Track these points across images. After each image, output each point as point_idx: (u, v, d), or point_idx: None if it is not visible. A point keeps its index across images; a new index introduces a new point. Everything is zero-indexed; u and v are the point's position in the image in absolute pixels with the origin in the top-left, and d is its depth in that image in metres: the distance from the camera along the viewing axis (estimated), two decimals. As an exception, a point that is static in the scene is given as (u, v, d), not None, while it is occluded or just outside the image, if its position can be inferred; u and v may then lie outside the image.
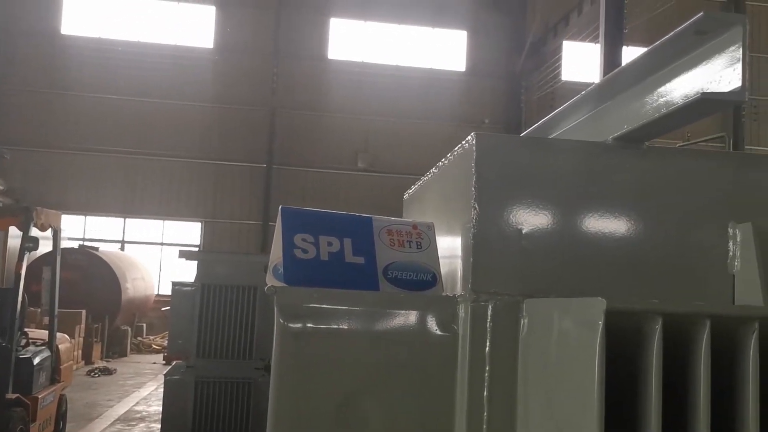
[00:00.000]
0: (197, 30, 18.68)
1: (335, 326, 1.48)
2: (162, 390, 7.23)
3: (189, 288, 6.92)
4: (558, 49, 18.61)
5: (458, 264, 1.59)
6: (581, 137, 1.74)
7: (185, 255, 7.41)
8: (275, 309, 1.44)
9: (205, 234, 18.78)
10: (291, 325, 1.45)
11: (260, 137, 18.68)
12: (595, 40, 16.30)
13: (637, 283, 1.54)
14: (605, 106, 1.72)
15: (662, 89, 1.46)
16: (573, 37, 18.14)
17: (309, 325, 1.46)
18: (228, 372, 6.84)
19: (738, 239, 1.52)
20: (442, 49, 19.14)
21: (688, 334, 1.16)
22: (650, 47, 1.39)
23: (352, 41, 19.00)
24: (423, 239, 1.65)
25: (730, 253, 1.53)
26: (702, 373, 1.11)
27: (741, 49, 1.22)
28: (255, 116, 18.71)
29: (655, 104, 1.46)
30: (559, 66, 18.34)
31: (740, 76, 1.21)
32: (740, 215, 1.54)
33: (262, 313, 6.87)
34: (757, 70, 18.45)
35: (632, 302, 1.12)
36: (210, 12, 18.82)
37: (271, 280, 1.54)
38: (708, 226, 1.55)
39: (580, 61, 18.12)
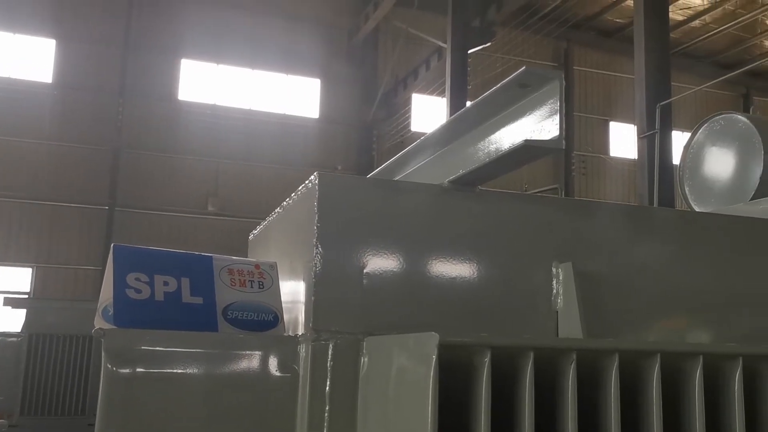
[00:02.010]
0: (36, 63, 17.57)
1: (170, 370, 1.41)
2: (-22, 454, 6.51)
3: (14, 339, 6.35)
4: (408, 101, 19.39)
5: (301, 304, 1.58)
6: (423, 180, 1.81)
7: (11, 302, 6.81)
8: (102, 353, 1.35)
9: (36, 280, 17.36)
10: (120, 370, 1.37)
11: (102, 178, 17.72)
12: (441, 93, 17.19)
13: (472, 320, 1.60)
14: (443, 151, 1.81)
15: (492, 137, 1.56)
16: (422, 90, 19.02)
17: (140, 369, 1.38)
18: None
19: (560, 278, 1.63)
20: (296, 96, 19.30)
21: (514, 367, 1.22)
22: (481, 97, 1.48)
23: (204, 83, 18.68)
24: (265, 279, 1.63)
25: (554, 291, 1.64)
26: (527, 401, 1.17)
27: (558, 102, 1.33)
28: (97, 156, 17.76)
29: (486, 150, 1.56)
30: (409, 117, 19.10)
31: (558, 126, 1.32)
32: (563, 256, 1.66)
33: (98, 365, 6.43)
34: (586, 129, 20.21)
35: (463, 336, 1.17)
36: (50, 45, 17.81)
37: (99, 323, 1.45)
38: (535, 266, 1.65)
39: (429, 113, 18.97)
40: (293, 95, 19.27)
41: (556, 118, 1.33)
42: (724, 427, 1.31)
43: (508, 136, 1.51)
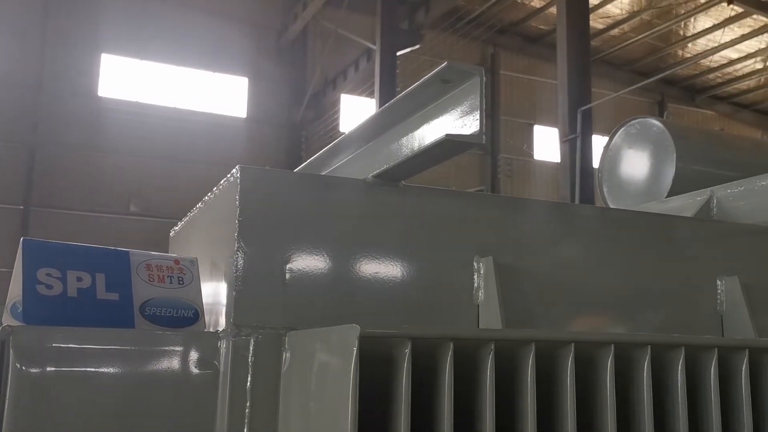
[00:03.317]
0: (-57, 55, 16.67)
1: (83, 369, 1.36)
2: None
3: None
4: (337, 102, 19.36)
5: (223, 300, 1.55)
6: (350, 175, 1.81)
7: None
8: (10, 352, 1.29)
9: (-56, 284, 16.43)
10: (29, 370, 1.31)
11: (17, 176, 16.94)
12: (371, 95, 17.25)
13: (396, 314, 1.61)
14: (369, 146, 1.81)
15: (417, 132, 1.58)
16: (351, 91, 19.03)
17: (51, 368, 1.33)
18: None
19: (482, 272, 1.66)
20: (224, 95, 18.97)
21: (435, 358, 1.23)
22: (405, 92, 1.49)
23: (126, 80, 18.12)
24: (185, 274, 1.60)
25: (475, 285, 1.66)
26: (446, 391, 1.18)
27: (479, 98, 1.36)
28: (11, 153, 16.96)
29: (410, 145, 1.57)
30: (338, 117, 19.07)
31: (478, 122, 1.34)
32: (484, 250, 1.69)
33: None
34: (511, 133, 20.66)
35: (383, 328, 1.17)
36: (-41, 36, 16.92)
37: (8, 320, 1.38)
38: (457, 260, 1.68)
39: (358, 114, 19.00)
40: (220, 94, 18.93)
41: (477, 113, 1.35)
42: (634, 413, 1.36)
43: (432, 131, 1.53)
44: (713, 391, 1.38)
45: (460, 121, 1.41)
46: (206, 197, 1.79)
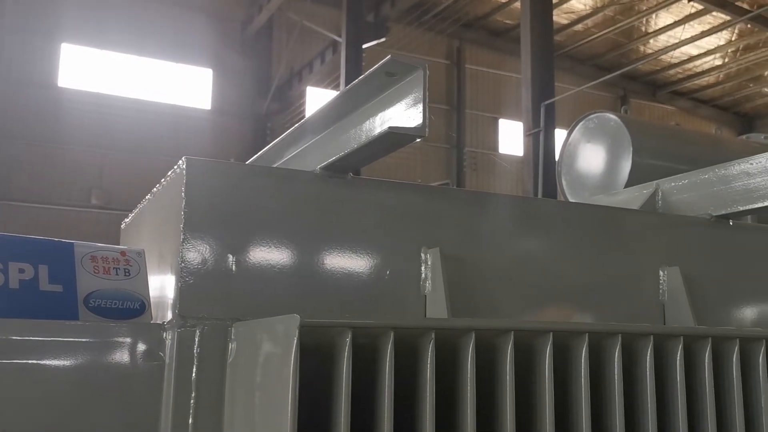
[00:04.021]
0: None
1: (25, 361, 1.35)
2: None
3: None
4: (302, 94, 19.26)
5: (170, 291, 1.55)
6: (300, 167, 1.82)
7: None
8: (-52, 344, 1.28)
9: None
10: (-31, 361, 1.29)
11: (-26, 168, 16.56)
12: (336, 87, 17.21)
13: (343, 305, 1.63)
14: (320, 138, 1.82)
15: (365, 124, 1.59)
16: (316, 84, 18.95)
17: (-8, 360, 1.32)
18: None
19: (429, 263, 1.69)
20: (188, 86, 18.73)
21: (376, 348, 1.25)
22: (351, 84, 1.51)
23: (87, 70, 17.78)
24: (132, 266, 1.59)
25: (423, 276, 1.69)
26: (386, 380, 1.20)
27: (422, 91, 1.38)
28: (-32, 144, 16.57)
29: (358, 138, 1.58)
30: (304, 110, 18.98)
31: (422, 114, 1.36)
32: (432, 241, 1.72)
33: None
34: (477, 127, 20.79)
35: (325, 318, 1.19)
36: None
37: (-54, 313, 1.36)
38: (404, 251, 1.70)
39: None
40: (184, 85, 18.69)
41: (420, 106, 1.37)
42: (573, 400, 1.40)
43: (378, 124, 1.55)
44: (649, 378, 1.43)
45: (405, 114, 1.43)
46: (155, 188, 1.78)
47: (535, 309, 1.87)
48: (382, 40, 16.08)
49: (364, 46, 15.58)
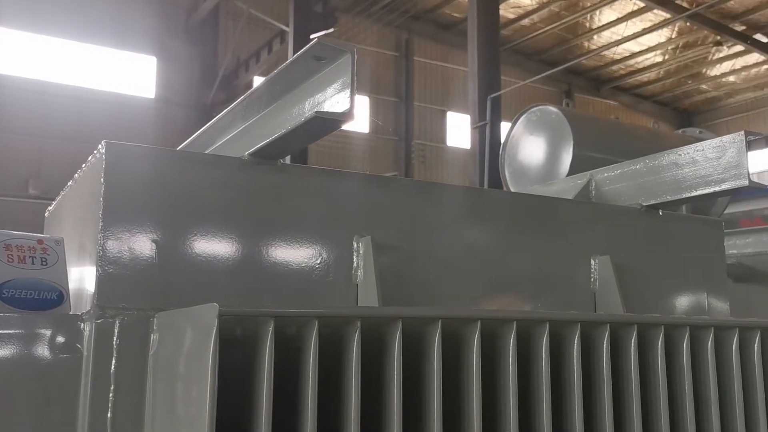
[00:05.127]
0: None
1: (-70, 355, 1.28)
2: None
3: None
4: (250, 84, 18.97)
5: (89, 281, 1.49)
6: (231, 153, 1.77)
7: None
8: None
9: None
10: None
11: None
12: (284, 78, 16.99)
13: (273, 294, 1.59)
14: (250, 124, 1.78)
15: (293, 109, 1.56)
16: (264, 73, 18.69)
17: None
18: None
19: (360, 252, 1.66)
20: (131, 74, 18.25)
21: (301, 337, 1.22)
22: (278, 69, 1.47)
23: (25, 55, 17.14)
24: (50, 255, 1.52)
25: (354, 265, 1.67)
26: (310, 370, 1.18)
27: (350, 76, 1.35)
28: None
29: (286, 123, 1.54)
30: (251, 100, 18.71)
31: (349, 99, 1.34)
32: (365, 229, 1.69)
33: None
34: (425, 119, 20.87)
35: (245, 307, 1.15)
36: None
37: None
38: (336, 239, 1.67)
39: (271, 98, 18.69)
40: (127, 73, 18.21)
41: (348, 91, 1.34)
42: (501, 388, 1.40)
43: (308, 109, 1.51)
44: (576, 364, 1.44)
45: (333, 99, 1.40)
46: (76, 174, 1.71)
47: (470, 298, 1.87)
48: (331, 30, 15.94)
49: (312, 36, 15.42)
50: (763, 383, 1.63)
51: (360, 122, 19.69)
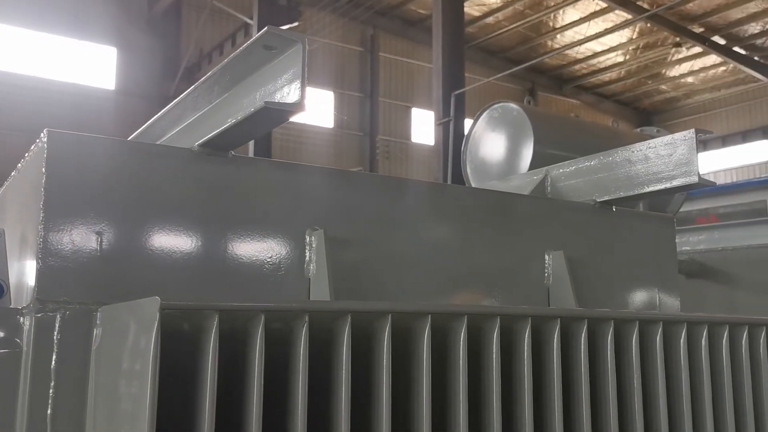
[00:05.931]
0: None
1: None
2: None
3: None
4: (213, 77, 18.76)
5: (30, 274, 1.45)
6: (183, 144, 1.73)
7: None
8: None
9: None
10: None
11: None
12: (247, 71, 16.81)
13: (221, 288, 1.56)
14: (200, 115, 1.74)
15: (244, 100, 1.53)
16: (227, 67, 18.47)
17: None
18: None
19: (313, 246, 1.64)
20: (91, 65, 17.87)
21: (246, 331, 1.20)
22: (228, 58, 1.44)
23: (-21, 44, 16.66)
24: (-11, 247, 1.47)
25: (307, 258, 1.64)
26: (256, 364, 1.15)
27: (301, 66, 1.33)
28: None
29: (236, 114, 1.51)
30: (214, 93, 18.49)
31: (300, 90, 1.32)
32: (319, 223, 1.67)
33: None
34: (390, 115, 20.86)
35: (188, 300, 1.13)
36: None
37: None
38: (288, 233, 1.65)
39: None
40: (87, 64, 17.82)
41: (298, 82, 1.32)
42: (451, 381, 1.39)
43: (259, 100, 1.49)
44: (526, 359, 1.44)
45: (284, 90, 1.38)
46: (19, 164, 1.65)
47: (427, 293, 1.86)
48: (295, 24, 15.84)
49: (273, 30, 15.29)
50: (710, 376, 1.65)
51: (324, 117, 19.61)
